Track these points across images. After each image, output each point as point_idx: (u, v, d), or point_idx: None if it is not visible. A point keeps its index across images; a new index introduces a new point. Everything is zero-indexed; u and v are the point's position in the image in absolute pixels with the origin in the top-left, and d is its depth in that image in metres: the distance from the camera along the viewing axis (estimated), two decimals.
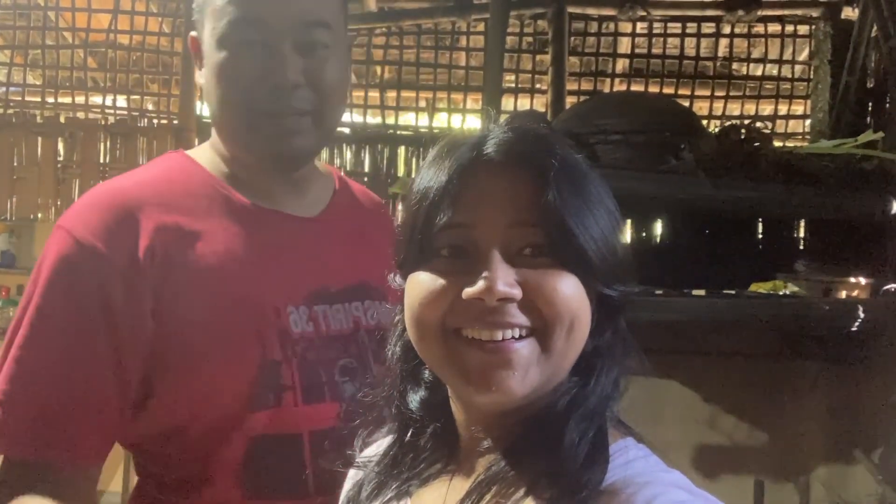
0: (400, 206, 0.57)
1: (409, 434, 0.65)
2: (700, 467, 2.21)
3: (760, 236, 2.01)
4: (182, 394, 0.86)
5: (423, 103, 4.14)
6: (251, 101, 0.87)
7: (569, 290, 0.56)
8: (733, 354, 2.14)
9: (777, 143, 3.69)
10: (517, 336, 0.55)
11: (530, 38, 4.08)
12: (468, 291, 0.55)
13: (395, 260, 0.64)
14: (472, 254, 0.57)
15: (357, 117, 4.04)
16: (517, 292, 0.55)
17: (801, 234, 2.03)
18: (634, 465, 0.55)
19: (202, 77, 0.91)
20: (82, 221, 0.85)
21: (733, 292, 1.96)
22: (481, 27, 3.84)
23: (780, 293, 2.04)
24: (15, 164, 3.78)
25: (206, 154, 0.96)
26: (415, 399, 0.65)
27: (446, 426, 0.64)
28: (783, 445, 2.22)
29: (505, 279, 0.54)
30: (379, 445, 0.70)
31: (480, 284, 0.54)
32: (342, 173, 1.09)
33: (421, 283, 0.58)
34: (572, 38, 3.96)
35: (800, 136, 3.96)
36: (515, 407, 0.57)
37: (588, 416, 0.56)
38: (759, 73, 4.06)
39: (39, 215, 3.77)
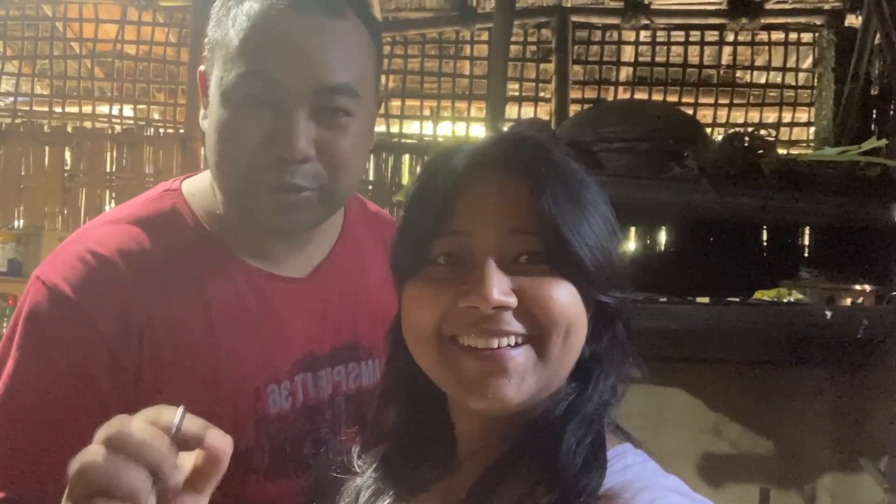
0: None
1: (407, 440, 0.66)
2: (705, 475, 2.20)
3: (764, 244, 2.01)
4: None
5: (427, 112, 4.17)
6: (251, 171, 0.74)
7: (564, 297, 0.56)
8: (738, 362, 2.14)
9: (781, 151, 3.69)
10: (513, 344, 0.56)
11: (534, 47, 4.10)
12: (464, 299, 0.55)
13: (391, 265, 0.64)
14: (468, 261, 0.57)
15: None
16: (512, 300, 0.55)
17: (805, 242, 2.03)
18: (632, 470, 0.55)
19: (205, 125, 0.80)
20: (68, 280, 0.75)
21: (737, 300, 1.96)
22: (485, 36, 3.87)
23: (785, 300, 2.03)
24: (22, 173, 3.81)
25: (205, 195, 0.84)
26: (414, 405, 0.65)
27: (444, 432, 0.64)
28: (788, 453, 2.21)
29: (500, 287, 0.54)
30: (377, 451, 0.69)
31: (475, 292, 0.54)
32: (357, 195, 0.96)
33: (417, 291, 0.58)
34: (576, 47, 3.98)
35: (804, 144, 3.97)
36: (513, 413, 0.57)
37: (586, 422, 0.57)
38: (762, 80, 4.07)
39: (46, 224, 3.79)
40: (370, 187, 3.78)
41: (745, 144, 1.67)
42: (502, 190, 0.57)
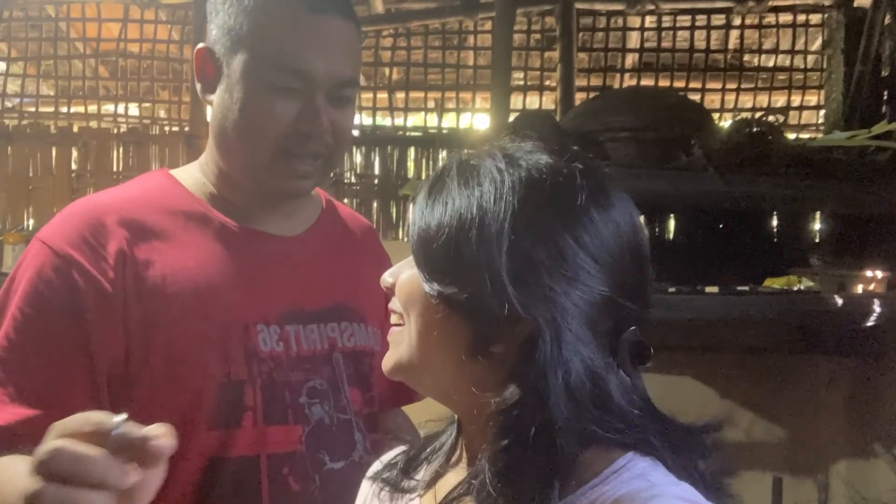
0: (411, 208, 0.58)
1: (418, 445, 0.68)
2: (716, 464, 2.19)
3: (773, 231, 1.99)
4: (146, 405, 0.84)
5: (431, 104, 4.15)
6: (280, 141, 0.88)
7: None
8: (748, 351, 2.13)
9: (790, 135, 3.65)
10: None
11: (538, 36, 4.07)
12: None
13: None
14: None
15: (367, 119, 4.05)
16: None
17: (815, 228, 2.00)
18: (641, 480, 0.54)
19: (215, 97, 0.92)
20: (59, 233, 0.86)
21: (747, 288, 1.94)
22: (489, 26, 3.84)
23: (795, 288, 2.02)
24: (30, 174, 3.83)
25: (191, 175, 0.97)
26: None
27: (453, 438, 0.66)
28: (801, 441, 2.20)
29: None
30: (389, 456, 0.71)
31: None
32: (329, 195, 1.11)
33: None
34: (581, 34, 3.94)
35: (813, 127, 3.92)
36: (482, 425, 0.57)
37: (535, 438, 0.54)
38: (771, 63, 4.02)
39: None
40: (376, 181, 3.78)
41: (753, 131, 1.65)
42: None
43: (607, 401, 0.56)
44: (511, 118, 3.21)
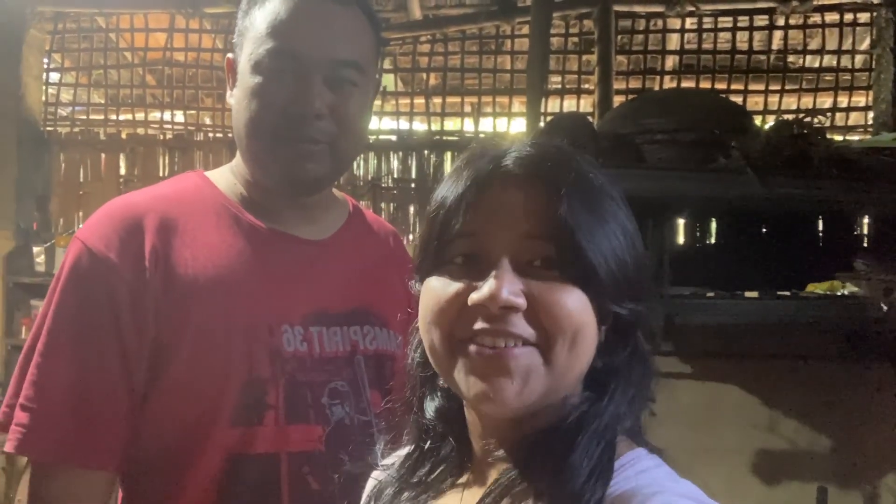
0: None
1: (426, 443, 0.67)
2: (760, 473, 2.15)
3: (816, 235, 1.94)
4: (170, 400, 0.88)
5: (468, 108, 4.16)
6: (275, 125, 0.90)
7: (573, 303, 0.56)
8: (791, 357, 2.08)
9: (838, 137, 3.55)
10: (519, 345, 0.56)
11: (576, 39, 4.05)
12: (473, 297, 0.56)
13: (414, 266, 0.65)
14: (484, 262, 0.58)
15: (403, 124, 4.09)
16: (521, 301, 0.55)
17: (861, 232, 1.95)
18: (645, 476, 0.55)
19: (233, 98, 0.95)
20: (96, 232, 0.90)
21: (788, 293, 1.90)
22: (526, 30, 3.83)
23: (839, 293, 1.96)
24: (81, 179, 3.98)
25: (224, 176, 1.00)
26: (431, 407, 0.66)
27: (461, 437, 0.65)
28: (848, 451, 2.14)
29: (510, 287, 0.55)
30: (400, 452, 0.71)
31: (485, 290, 0.55)
32: (357, 202, 1.13)
33: (433, 289, 0.60)
34: (619, 37, 3.90)
35: (862, 129, 3.80)
36: (523, 419, 0.58)
37: (597, 436, 0.56)
38: (816, 64, 3.91)
39: None
40: (413, 185, 3.80)
41: (793, 133, 1.61)
42: (521, 195, 0.58)
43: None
44: (545, 122, 3.20)
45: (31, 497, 0.87)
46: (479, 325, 0.56)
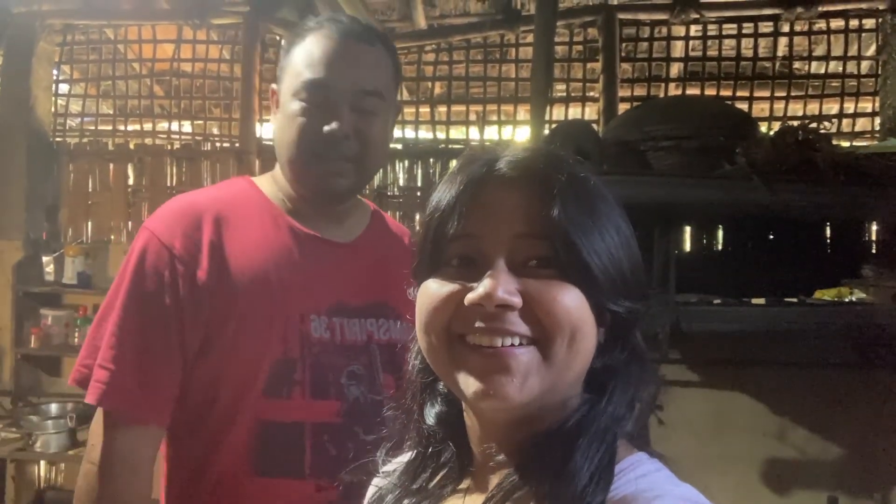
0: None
1: (427, 450, 0.67)
2: (769, 481, 2.13)
3: (823, 241, 1.93)
4: (215, 371, 1.03)
5: (473, 117, 4.17)
6: (311, 144, 1.07)
7: (570, 301, 0.56)
8: (800, 364, 2.06)
9: (845, 143, 3.54)
10: (517, 344, 0.56)
11: (580, 47, 4.06)
12: (470, 297, 0.57)
13: (411, 271, 0.65)
14: (480, 263, 0.59)
15: (409, 133, 4.10)
16: (517, 300, 0.56)
17: (867, 238, 1.94)
18: (646, 479, 0.55)
19: (275, 121, 1.12)
20: (162, 224, 1.06)
21: (795, 300, 1.89)
22: (530, 38, 3.84)
23: (846, 300, 1.95)
24: (90, 189, 4.00)
25: (267, 184, 1.16)
26: (431, 413, 0.67)
27: (462, 442, 0.65)
28: (858, 459, 2.12)
29: (505, 286, 0.56)
30: (401, 458, 0.71)
31: (480, 290, 0.56)
32: (377, 206, 1.29)
33: (430, 290, 0.61)
34: (624, 45, 3.91)
35: (869, 135, 3.79)
36: (522, 422, 0.58)
37: (598, 437, 0.56)
38: (822, 71, 3.91)
39: (112, 237, 3.97)
40: (419, 193, 3.81)
41: (798, 139, 1.61)
42: (515, 196, 0.59)
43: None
44: (549, 130, 3.20)
45: (104, 444, 1.02)
46: (476, 324, 0.57)
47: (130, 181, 4.04)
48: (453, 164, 3.84)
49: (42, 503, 3.52)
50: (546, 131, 2.50)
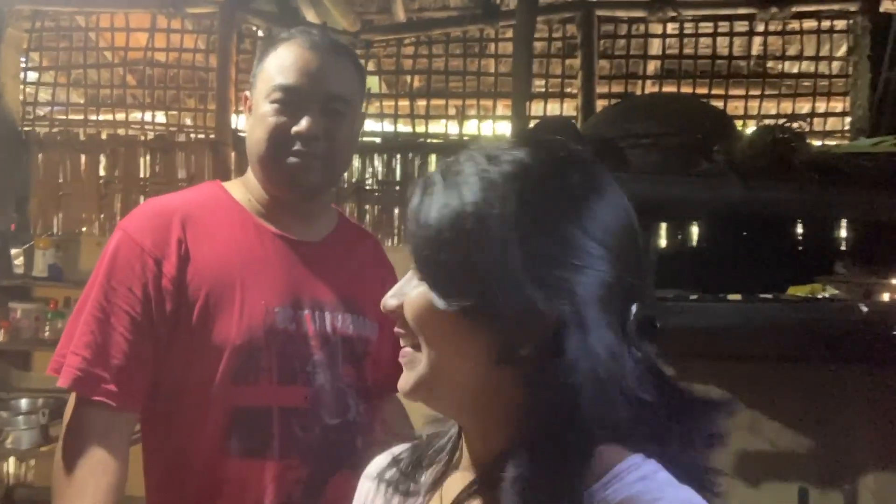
0: (406, 230, 0.59)
1: (419, 447, 0.67)
2: (742, 474, 2.17)
3: (797, 238, 1.97)
4: (185, 359, 1.10)
5: (452, 111, 4.16)
6: (281, 143, 1.14)
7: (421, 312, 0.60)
8: (773, 359, 2.10)
9: (816, 142, 3.60)
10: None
11: (559, 43, 4.07)
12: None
13: None
14: None
15: (388, 126, 4.08)
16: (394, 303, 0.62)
17: (840, 236, 1.98)
18: (645, 482, 0.54)
19: (248, 124, 1.19)
20: (134, 223, 1.14)
21: (770, 296, 1.92)
22: (510, 34, 3.85)
23: (820, 296, 1.99)
24: (60, 180, 3.91)
25: (238, 188, 1.24)
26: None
27: (454, 443, 0.65)
28: (828, 452, 2.16)
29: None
30: (389, 456, 0.71)
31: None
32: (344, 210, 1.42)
33: None
34: (602, 41, 3.93)
35: (839, 134, 3.86)
36: (487, 431, 0.58)
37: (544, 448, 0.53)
38: (795, 70, 3.97)
39: (84, 229, 3.88)
40: (397, 187, 3.80)
41: (775, 137, 1.63)
42: None
43: (625, 388, 0.56)
44: (531, 125, 3.21)
45: (75, 427, 1.07)
46: None
47: (102, 172, 3.96)
48: (432, 158, 3.84)
49: (11, 501, 3.44)
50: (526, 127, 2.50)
